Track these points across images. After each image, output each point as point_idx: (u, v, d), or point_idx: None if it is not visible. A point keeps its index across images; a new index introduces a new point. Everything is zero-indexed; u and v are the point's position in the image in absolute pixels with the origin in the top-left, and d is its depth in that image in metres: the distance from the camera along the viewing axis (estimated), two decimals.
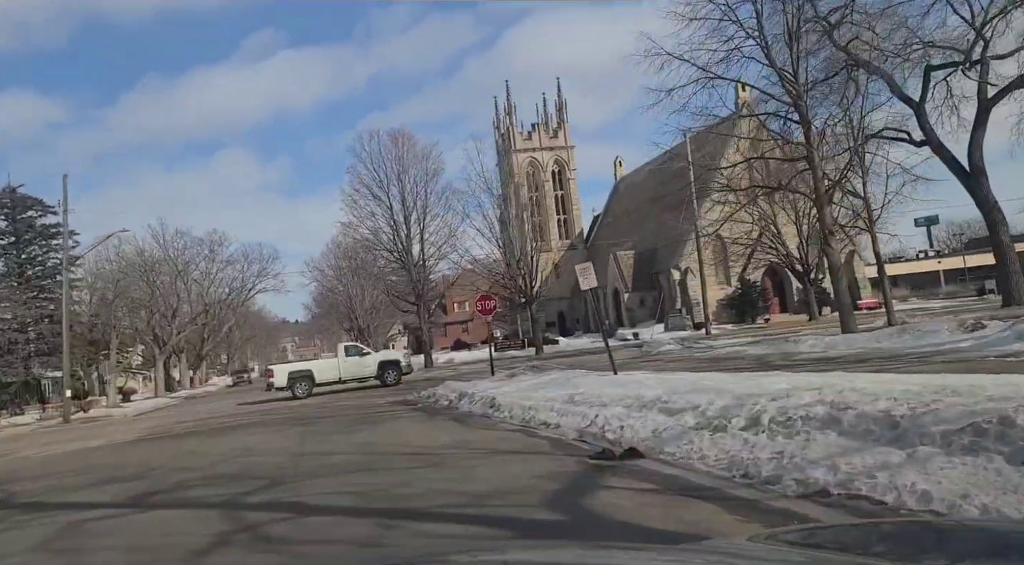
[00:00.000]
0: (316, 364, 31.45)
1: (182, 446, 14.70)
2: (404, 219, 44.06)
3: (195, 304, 62.87)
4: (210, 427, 19.68)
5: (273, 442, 13.35)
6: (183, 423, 23.11)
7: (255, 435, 15.15)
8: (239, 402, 32.98)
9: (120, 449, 16.02)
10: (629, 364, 22.06)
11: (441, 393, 18.50)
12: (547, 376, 17.20)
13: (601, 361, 19.26)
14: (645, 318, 54.60)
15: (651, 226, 59.72)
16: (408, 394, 23.56)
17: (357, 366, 30.57)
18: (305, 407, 23.64)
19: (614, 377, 13.34)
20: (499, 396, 13.81)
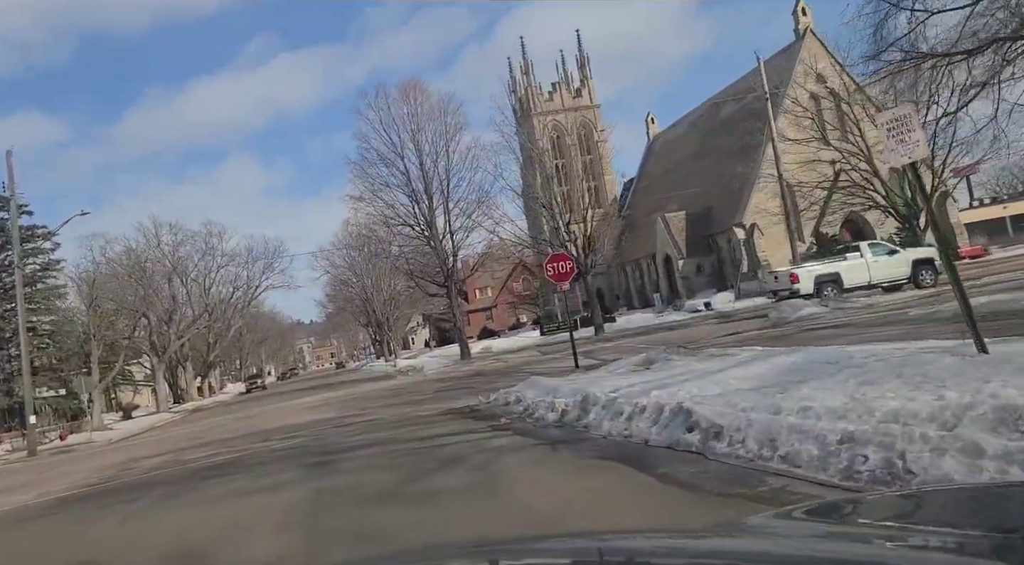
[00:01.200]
0: (843, 265, 27.37)
1: (79, 535, 8.03)
2: (424, 187, 37.35)
3: (196, 306, 56.44)
4: (175, 470, 13.09)
5: (252, 527, 6.65)
6: (149, 459, 16.59)
7: (230, 502, 8.43)
8: (240, 416, 26.45)
9: None
10: (796, 338, 15.16)
11: (532, 397, 11.71)
12: (711, 362, 10.37)
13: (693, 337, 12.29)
14: (703, 287, 47.70)
15: (700, 183, 52.70)
16: (467, 396, 16.91)
17: (888, 266, 26.84)
18: (322, 428, 16.91)
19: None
20: (695, 406, 6.92)
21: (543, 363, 23.58)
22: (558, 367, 20.73)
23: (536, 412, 10.82)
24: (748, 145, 48.21)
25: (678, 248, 48.51)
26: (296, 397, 35.16)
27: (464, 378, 23.51)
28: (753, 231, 43.91)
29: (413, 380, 29.66)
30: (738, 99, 52.93)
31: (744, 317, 29.08)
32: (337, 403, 23.34)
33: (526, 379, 14.75)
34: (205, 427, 24.77)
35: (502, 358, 32.36)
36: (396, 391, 23.81)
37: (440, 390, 20.61)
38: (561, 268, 17.65)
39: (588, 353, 24.05)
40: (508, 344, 43.37)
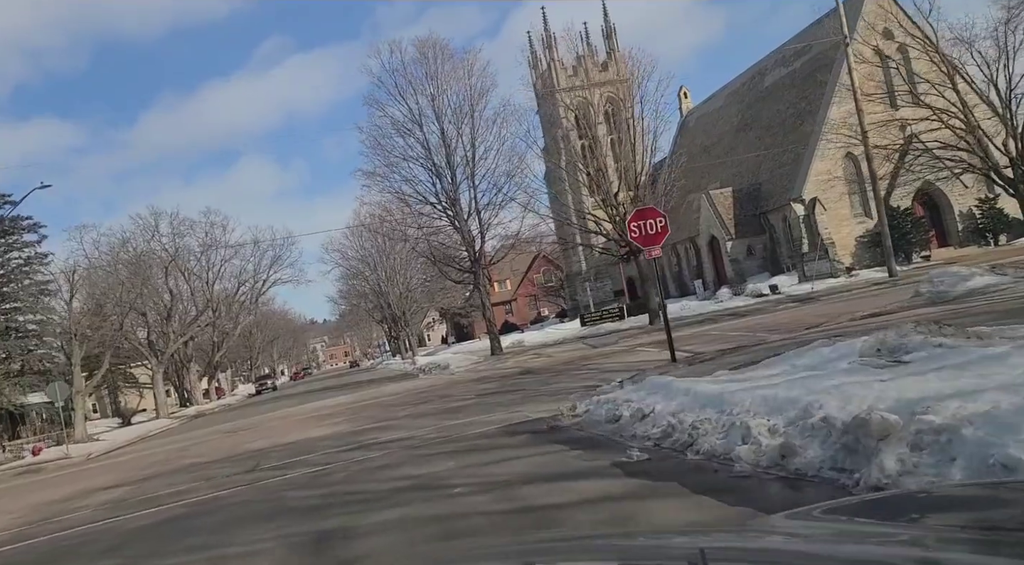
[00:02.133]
0: None
1: None
2: (446, 160, 32.80)
3: (199, 302, 52.13)
4: (98, 529, 8.64)
5: None
6: (97, 493, 12.17)
7: None
8: (237, 426, 21.97)
9: None
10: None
11: (675, 411, 7.02)
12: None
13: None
14: (754, 270, 42.86)
15: (746, 158, 47.81)
16: (527, 402, 12.50)
17: None
18: (332, 452, 12.42)
19: None
20: None
21: (607, 357, 18.95)
22: (635, 361, 16.15)
23: (700, 440, 6.14)
24: (802, 112, 43.35)
25: (726, 228, 43.66)
26: (307, 400, 30.80)
27: (508, 378, 18.91)
28: (815, 206, 39.01)
29: (440, 380, 25.12)
30: (786, 64, 48.06)
31: (835, 297, 24.34)
32: (353, 411, 18.83)
33: (632, 378, 10.14)
34: (193, 440, 20.33)
35: (543, 352, 27.76)
36: (424, 394, 19.25)
37: (483, 394, 16.03)
38: (650, 227, 13.02)
39: (657, 343, 19.41)
40: (541, 337, 38.79)
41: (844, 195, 40.06)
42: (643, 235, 13.13)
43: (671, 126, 58.57)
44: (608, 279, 64.08)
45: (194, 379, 57.60)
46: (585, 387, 13.67)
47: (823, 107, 40.28)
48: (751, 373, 7.91)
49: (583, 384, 14.20)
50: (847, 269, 33.34)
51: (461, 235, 32.82)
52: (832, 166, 39.94)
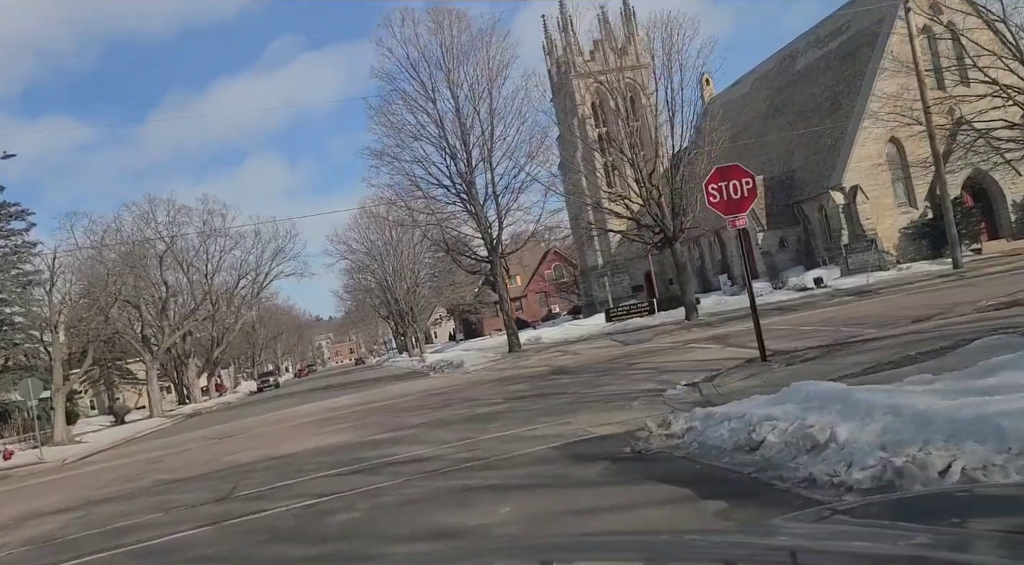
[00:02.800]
0: None
1: None
2: (461, 139, 30.05)
3: (197, 294, 49.49)
4: None
5: None
6: (36, 520, 9.53)
7: None
8: (227, 430, 19.31)
9: None
10: None
11: (913, 452, 4.11)
12: None
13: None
14: (787, 264, 40.05)
15: (777, 145, 45.02)
16: (575, 410, 9.85)
17: None
18: (333, 477, 9.80)
19: None
20: None
21: (654, 355, 16.23)
22: (697, 360, 13.47)
23: None
24: (840, 94, 40.50)
25: (757, 219, 40.82)
26: (308, 399, 28.22)
27: (540, 378, 16.18)
28: (856, 195, 36.15)
29: (456, 379, 22.44)
30: (820, 45, 45.21)
31: (898, 291, 21.58)
32: (358, 415, 16.15)
33: (712, 381, 7.41)
34: (176, 447, 17.69)
35: (568, 350, 25.04)
36: (441, 396, 16.55)
37: (515, 397, 13.32)
38: (733, 190, 10.31)
39: (711, 339, 16.72)
40: (560, 333, 36.11)
41: (887, 183, 37.21)
42: (725, 200, 10.42)
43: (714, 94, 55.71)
44: (625, 274, 61.27)
45: (192, 376, 55.05)
46: (644, 391, 11.02)
47: (865, 87, 37.40)
48: (975, 383, 5.11)
49: (640, 387, 11.54)
50: (896, 261, 30.46)
51: (477, 221, 30.10)
52: (874, 151, 37.11)
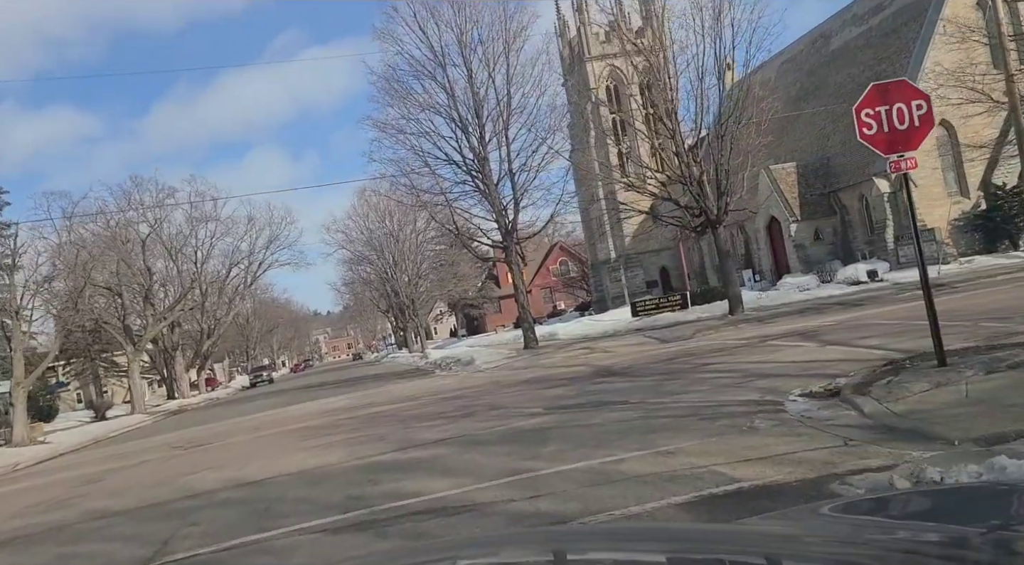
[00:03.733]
0: None
1: None
2: (474, 110, 26.89)
3: (184, 282, 46.24)
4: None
5: None
6: None
7: None
8: (201, 435, 16.17)
9: None
10: None
11: None
12: None
13: None
14: (822, 257, 36.91)
15: (809, 130, 41.90)
16: (687, 427, 6.66)
17: None
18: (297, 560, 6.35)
19: None
20: None
21: (729, 354, 13.11)
22: (793, 361, 10.38)
23: None
24: (882, 74, 37.23)
25: (789, 208, 37.67)
26: (300, 398, 25.21)
27: (581, 381, 13.05)
28: (904, 182, 32.93)
29: (469, 379, 19.33)
30: (858, 23, 42.08)
31: (978, 286, 18.52)
32: (356, 422, 13.04)
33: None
34: (130, 459, 14.53)
35: (595, 347, 21.93)
36: (455, 400, 13.42)
37: (558, 407, 10.23)
38: (899, 117, 7.22)
39: (785, 335, 13.61)
40: (579, 329, 33.03)
41: (937, 170, 34.02)
42: (885, 132, 7.35)
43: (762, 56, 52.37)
44: (639, 268, 58.11)
45: (180, 369, 51.89)
46: (747, 403, 8.02)
47: (913, 64, 34.29)
48: None
49: (734, 396, 8.53)
50: (958, 255, 27.33)
51: (491, 202, 26.95)
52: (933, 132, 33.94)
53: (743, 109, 23.44)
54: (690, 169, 23.19)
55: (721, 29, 22.97)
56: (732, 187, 23.42)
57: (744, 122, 23.44)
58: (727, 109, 23.59)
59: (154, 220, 40.30)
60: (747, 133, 23.72)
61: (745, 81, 24.39)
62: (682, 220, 24.73)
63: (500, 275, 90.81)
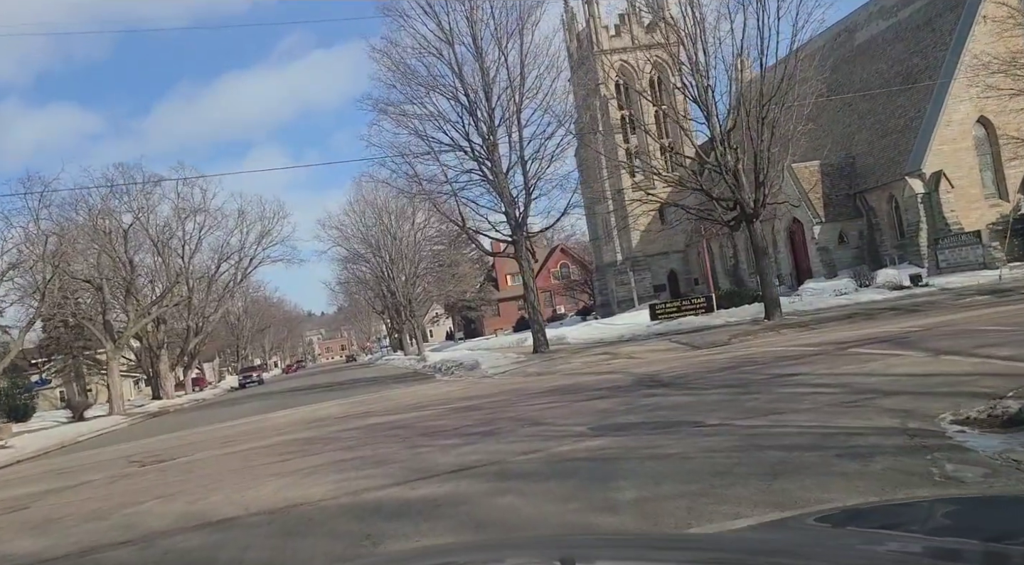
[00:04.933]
0: None
1: None
2: (483, 92, 24.68)
3: (170, 277, 43.85)
4: None
5: None
6: None
7: None
8: (172, 446, 13.87)
9: None
10: None
11: None
12: None
13: None
14: (847, 262, 34.80)
15: (833, 128, 39.76)
16: (829, 470, 4.23)
17: None
18: None
19: None
20: None
21: (794, 367, 10.89)
22: (886, 374, 8.13)
23: None
24: (914, 69, 35.26)
25: (813, 209, 35.53)
26: (290, 402, 23.03)
27: (625, 392, 10.80)
28: (939, 182, 30.90)
29: (477, 386, 17.07)
30: (886, 16, 40.06)
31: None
32: (351, 437, 10.76)
33: None
34: (78, 476, 12.21)
35: (616, 352, 19.68)
36: (471, 411, 11.17)
37: (610, 426, 8.03)
38: None
39: (864, 342, 11.42)
40: (591, 332, 30.81)
41: (974, 169, 31.97)
42: None
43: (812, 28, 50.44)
44: (647, 272, 55.94)
45: (165, 368, 49.42)
46: (880, 430, 5.96)
47: (950, 57, 32.20)
48: None
49: (860, 422, 6.44)
50: (1007, 260, 25.14)
51: (499, 192, 24.72)
52: (959, 132, 31.91)
53: (786, 91, 21.24)
54: (725, 157, 20.99)
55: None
56: (770, 178, 21.24)
57: (787, 105, 21.25)
58: (771, 87, 21.34)
59: (138, 209, 37.92)
60: (787, 118, 21.55)
61: (790, 58, 22.14)
62: (713, 214, 22.54)
63: (499, 277, 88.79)
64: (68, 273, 31.74)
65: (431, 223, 52.09)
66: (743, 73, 24.39)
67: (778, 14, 20.80)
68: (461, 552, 2.02)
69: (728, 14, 21.26)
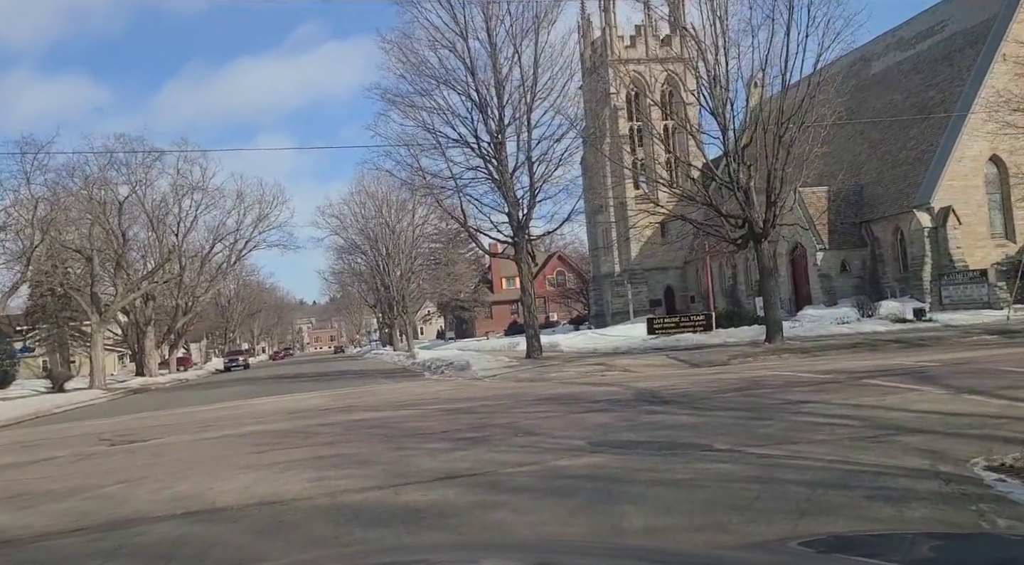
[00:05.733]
0: None
1: None
2: (495, 89, 24.18)
3: (162, 252, 43.15)
4: None
5: None
6: None
7: None
8: (141, 427, 13.29)
9: None
10: None
11: None
12: None
13: None
14: (847, 291, 34.40)
15: (843, 155, 39.35)
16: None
17: None
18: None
19: None
20: None
21: (805, 394, 10.42)
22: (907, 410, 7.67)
23: None
24: (929, 102, 34.97)
25: (818, 236, 35.13)
26: (274, 389, 22.56)
27: (624, 407, 10.30)
28: (947, 218, 30.53)
29: (467, 387, 16.56)
30: (904, 47, 39.80)
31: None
32: (333, 432, 10.24)
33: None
34: (48, 449, 11.63)
35: (610, 364, 19.17)
36: (460, 414, 10.65)
37: (610, 443, 7.56)
38: None
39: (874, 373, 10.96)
40: (585, 342, 30.31)
41: (983, 208, 31.63)
42: None
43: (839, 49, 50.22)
44: (644, 285, 55.52)
45: (150, 346, 48.66)
46: (910, 471, 5.66)
47: (967, 92, 31.89)
48: None
49: (886, 460, 6.05)
50: (1012, 302, 24.72)
51: (503, 192, 24.20)
52: (971, 169, 31.58)
53: (806, 110, 20.81)
54: (738, 173, 20.55)
55: (793, 8, 20.29)
56: (782, 198, 20.80)
57: (806, 125, 20.83)
58: (792, 106, 20.92)
59: (135, 182, 37.28)
60: (803, 139, 21.13)
61: (813, 76, 21.73)
62: (720, 230, 22.08)
63: (494, 280, 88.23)
64: (59, 241, 31.03)
65: (430, 220, 51.56)
66: (763, 89, 23.98)
67: (807, 30, 20.34)
68: (432, 551, 1.95)
69: (752, 29, 20.82)
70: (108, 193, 37.24)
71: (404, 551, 2.27)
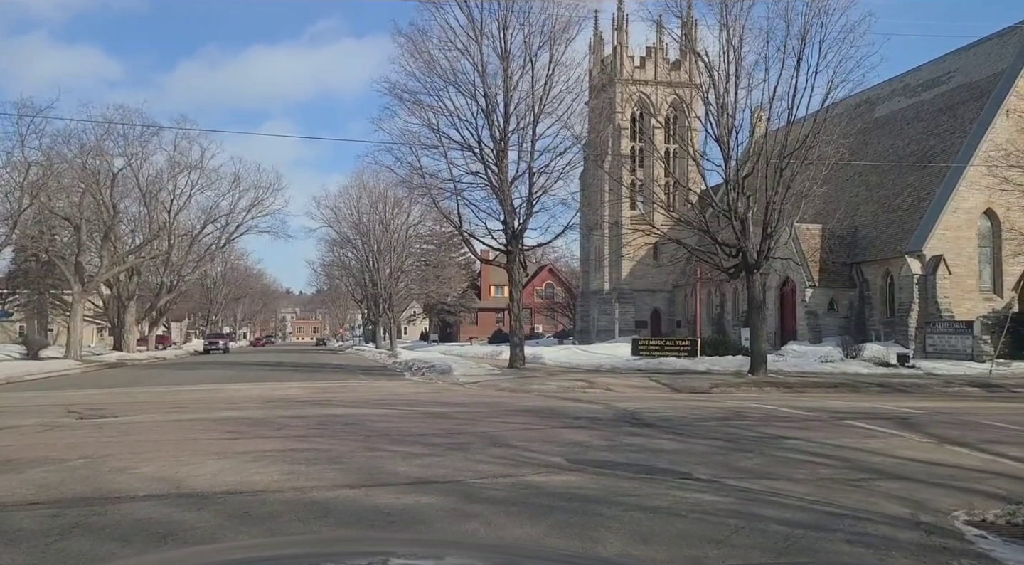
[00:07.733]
0: None
1: None
2: (503, 96, 24.09)
3: (152, 227, 42.71)
4: None
5: None
6: None
7: None
8: (101, 405, 13.06)
9: None
10: None
11: None
12: None
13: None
14: (833, 331, 34.46)
15: (841, 196, 39.55)
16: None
17: None
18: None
19: None
20: None
21: (787, 430, 10.36)
22: (889, 455, 7.67)
23: None
24: (930, 150, 35.23)
25: (808, 273, 35.21)
26: (251, 376, 22.28)
27: (606, 427, 10.19)
28: (937, 266, 30.65)
29: (447, 391, 16.39)
30: (909, 94, 40.11)
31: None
32: (307, 425, 10.11)
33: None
34: (12, 417, 11.41)
35: (592, 380, 19.05)
36: (439, 418, 10.51)
37: (587, 461, 7.46)
38: None
39: (856, 415, 10.91)
40: (568, 356, 30.22)
41: (973, 260, 31.80)
42: None
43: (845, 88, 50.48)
44: (631, 305, 55.50)
45: (131, 321, 48.13)
46: (891, 519, 5.57)
47: (967, 145, 32.11)
48: None
49: (867, 506, 6.02)
50: (997, 356, 24.77)
51: (501, 199, 24.10)
52: (965, 220, 31.75)
53: (810, 146, 20.86)
54: (736, 202, 20.55)
55: (805, 45, 20.34)
56: (778, 231, 20.82)
57: (808, 161, 20.89)
58: (796, 141, 20.97)
59: (131, 155, 36.92)
60: (804, 175, 21.18)
61: (822, 113, 21.78)
62: (714, 258, 22.05)
63: (483, 287, 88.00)
64: (48, 207, 30.64)
65: (424, 221, 51.43)
66: (768, 121, 24.05)
67: (816, 67, 20.41)
68: (396, 545, 1.98)
69: (764, 61, 20.87)
70: (103, 163, 36.86)
71: (372, 542, 2.24)
